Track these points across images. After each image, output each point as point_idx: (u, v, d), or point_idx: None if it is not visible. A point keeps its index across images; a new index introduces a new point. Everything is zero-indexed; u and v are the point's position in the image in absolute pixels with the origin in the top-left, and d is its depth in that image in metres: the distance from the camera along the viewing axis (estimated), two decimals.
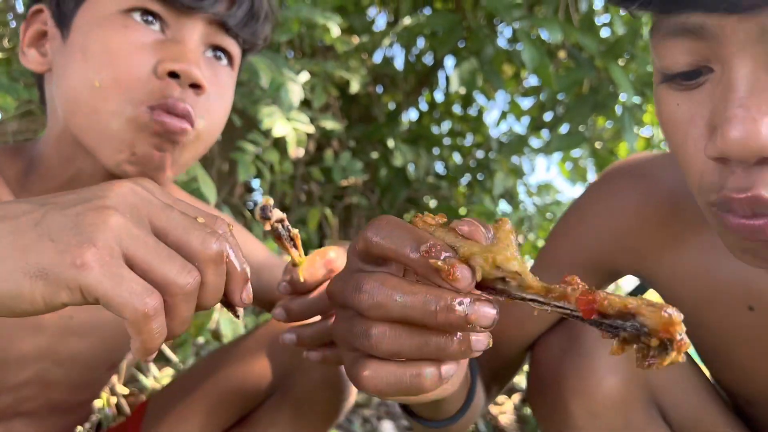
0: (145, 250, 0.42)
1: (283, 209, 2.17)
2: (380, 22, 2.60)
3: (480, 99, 2.58)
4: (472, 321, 0.40)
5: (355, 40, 2.10)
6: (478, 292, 0.42)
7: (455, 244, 0.40)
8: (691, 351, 0.89)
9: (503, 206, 2.23)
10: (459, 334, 0.42)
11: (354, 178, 1.82)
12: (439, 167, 2.42)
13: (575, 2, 1.84)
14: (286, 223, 0.59)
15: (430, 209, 2.29)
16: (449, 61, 2.85)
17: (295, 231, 0.60)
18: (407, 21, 1.92)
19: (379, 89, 2.54)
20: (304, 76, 1.76)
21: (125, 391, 1.39)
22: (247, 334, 0.96)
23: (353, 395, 0.94)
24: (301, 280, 0.61)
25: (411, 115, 2.57)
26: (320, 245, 1.95)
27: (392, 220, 0.44)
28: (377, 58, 2.48)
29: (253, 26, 0.77)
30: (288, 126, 1.38)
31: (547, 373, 0.79)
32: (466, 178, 2.32)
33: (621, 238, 0.76)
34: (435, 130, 2.53)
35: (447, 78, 2.38)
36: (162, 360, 1.46)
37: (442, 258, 0.40)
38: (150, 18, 0.70)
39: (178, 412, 0.87)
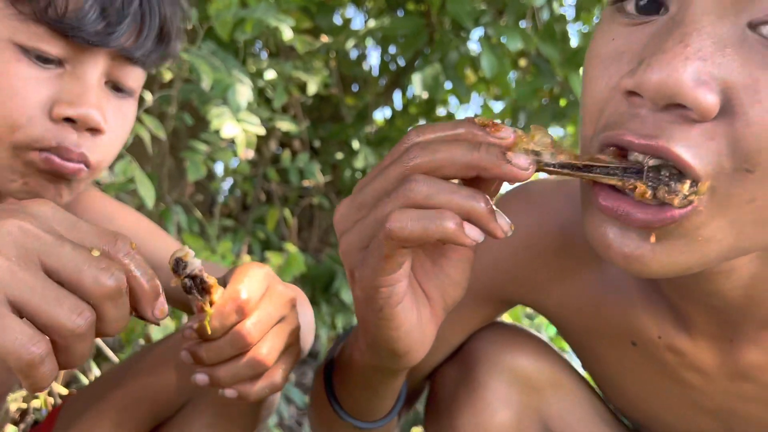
0: (31, 294, 0.41)
1: (244, 208, 2.16)
2: (358, 22, 2.60)
3: (453, 101, 2.58)
4: (510, 156, 0.43)
5: (324, 39, 2.10)
6: None
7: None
8: (588, 377, 0.89)
9: None
10: (486, 200, 0.44)
11: (312, 179, 1.81)
12: None
13: (538, 11, 1.84)
14: (202, 274, 0.57)
15: None
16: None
17: (211, 280, 0.58)
18: (371, 24, 1.91)
19: (355, 88, 2.53)
20: (270, 75, 1.75)
21: (64, 391, 1.38)
22: (162, 340, 0.94)
23: (274, 405, 0.94)
24: (208, 332, 0.60)
25: (382, 115, 2.57)
26: (279, 248, 1.94)
27: (430, 124, 0.48)
28: (353, 57, 2.48)
29: (162, 50, 0.72)
30: (238, 127, 1.37)
31: (441, 405, 0.79)
32: None
33: (511, 268, 0.74)
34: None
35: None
36: (106, 360, 1.45)
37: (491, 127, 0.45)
38: (47, 59, 0.64)
39: (88, 419, 0.86)
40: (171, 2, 0.72)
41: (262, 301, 0.62)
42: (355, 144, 2.13)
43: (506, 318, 1.59)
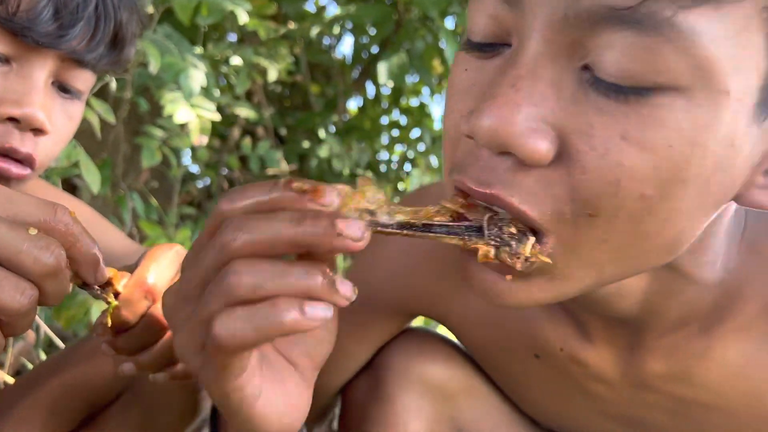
0: None
1: (209, 197, 2.14)
2: (333, 9, 2.57)
3: (426, 91, 2.57)
4: (341, 229, 0.37)
5: (291, 25, 2.07)
6: None
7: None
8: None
9: None
10: (323, 272, 0.39)
11: (275, 168, 1.79)
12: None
13: None
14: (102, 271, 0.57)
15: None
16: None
17: (110, 272, 0.56)
18: (337, 11, 1.89)
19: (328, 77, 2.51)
20: (236, 61, 1.72)
21: (11, 380, 1.35)
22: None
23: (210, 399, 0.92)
24: (109, 323, 0.59)
25: (355, 104, 2.55)
26: None
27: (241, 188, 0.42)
28: (326, 45, 2.45)
29: (115, 56, 0.70)
30: (191, 113, 1.35)
31: (353, 420, 0.77)
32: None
33: (412, 282, 0.72)
34: (384, 121, 2.51)
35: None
36: (55, 348, 1.42)
37: (297, 185, 0.39)
38: None
39: (20, 410, 0.84)
40: (128, 8, 0.70)
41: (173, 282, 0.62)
42: (322, 133, 2.11)
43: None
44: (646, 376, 0.61)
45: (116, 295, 0.57)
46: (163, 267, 0.61)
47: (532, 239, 0.41)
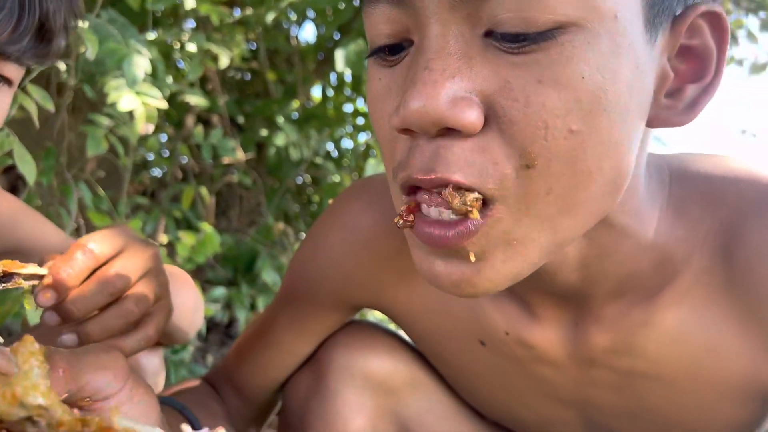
0: None
1: (162, 186, 2.09)
2: None
3: None
4: None
5: (248, 11, 2.02)
6: None
7: None
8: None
9: None
10: None
11: (229, 156, 1.76)
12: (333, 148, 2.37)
13: None
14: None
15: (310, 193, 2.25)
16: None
17: (4, 264, 0.56)
18: None
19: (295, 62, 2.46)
20: (192, 47, 1.67)
21: None
22: (36, 326, 0.90)
23: (160, 376, 0.91)
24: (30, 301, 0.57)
25: (319, 92, 2.51)
26: (197, 227, 1.88)
27: None
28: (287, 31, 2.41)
29: (41, 48, 0.66)
30: (137, 100, 1.30)
31: (294, 417, 0.76)
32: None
33: (353, 271, 0.71)
34: (348, 108, 2.48)
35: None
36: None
37: None
38: None
39: None
40: None
41: (123, 254, 0.61)
42: (280, 120, 2.08)
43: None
44: (592, 352, 0.62)
45: (31, 278, 0.56)
46: (101, 236, 0.61)
47: (474, 193, 0.43)
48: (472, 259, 0.45)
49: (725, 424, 0.63)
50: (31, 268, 0.56)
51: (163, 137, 2.00)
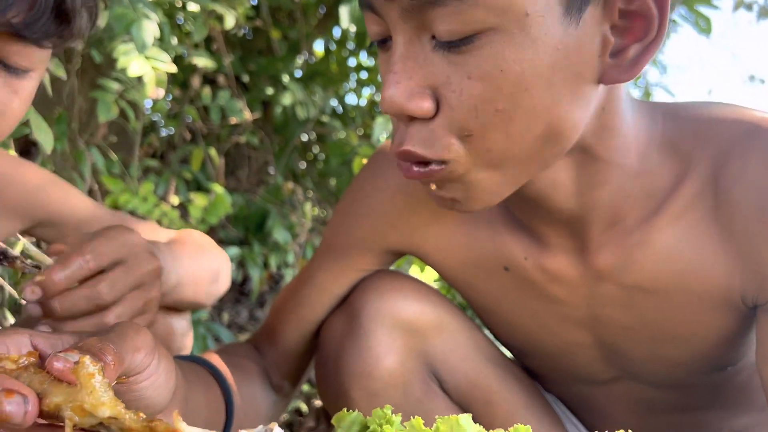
0: None
1: (171, 147, 2.10)
2: None
3: None
4: None
5: None
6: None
7: (44, 390, 0.35)
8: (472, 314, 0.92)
9: None
10: None
11: (237, 117, 1.76)
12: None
13: None
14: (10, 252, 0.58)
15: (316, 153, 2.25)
16: None
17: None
18: None
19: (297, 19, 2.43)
20: (193, 7, 1.66)
21: None
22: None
23: (185, 352, 0.95)
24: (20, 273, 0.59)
25: (320, 47, 2.49)
26: (207, 188, 1.90)
27: None
28: None
29: (62, 30, 0.64)
30: (146, 65, 1.31)
31: (328, 356, 0.81)
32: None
33: (389, 217, 0.80)
34: (352, 63, 2.45)
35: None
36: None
37: None
38: None
39: None
40: None
41: (121, 265, 0.64)
42: (286, 80, 2.07)
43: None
44: (598, 272, 0.71)
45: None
46: (106, 240, 0.63)
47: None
48: (433, 187, 0.60)
49: (712, 333, 0.72)
50: (39, 256, 0.59)
51: (169, 98, 2.00)
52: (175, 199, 1.85)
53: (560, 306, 0.76)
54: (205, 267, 0.90)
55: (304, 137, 2.37)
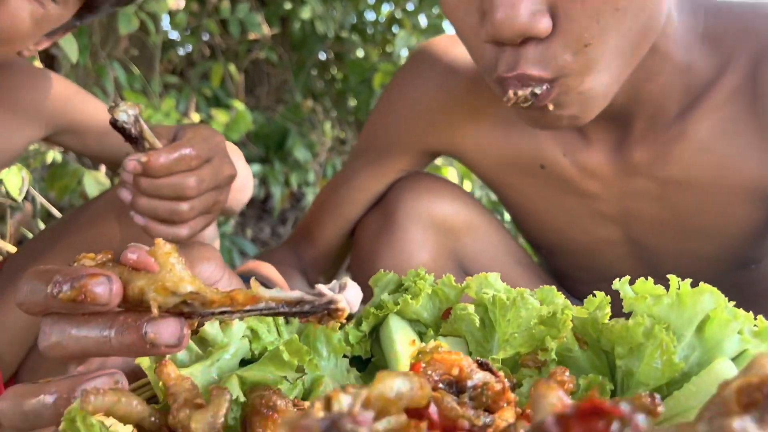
0: None
1: (190, 64, 2.08)
2: None
3: None
4: (152, 339, 0.35)
5: None
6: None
7: (124, 279, 0.36)
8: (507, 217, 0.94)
9: None
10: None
11: (256, 32, 1.74)
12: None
13: None
14: (136, 124, 0.58)
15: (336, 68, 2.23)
16: None
17: (147, 132, 0.60)
18: None
19: None
20: None
21: (13, 249, 1.40)
22: (99, 195, 0.97)
23: (213, 261, 0.97)
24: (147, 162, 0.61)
25: None
26: (227, 105, 1.90)
27: (36, 271, 0.38)
28: None
29: None
30: None
31: (364, 251, 0.84)
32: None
33: (428, 115, 0.81)
34: None
35: None
36: (52, 218, 1.46)
37: (66, 288, 0.34)
38: None
39: None
40: None
41: (209, 163, 0.65)
42: None
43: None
44: (634, 165, 0.73)
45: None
46: (201, 139, 0.65)
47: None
48: (551, 107, 0.59)
49: (741, 227, 0.74)
50: (150, 137, 0.60)
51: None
52: (196, 116, 1.86)
53: (593, 202, 0.78)
54: (240, 174, 0.93)
55: (323, 56, 2.34)
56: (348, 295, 0.37)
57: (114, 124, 0.57)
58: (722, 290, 0.83)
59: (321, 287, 0.36)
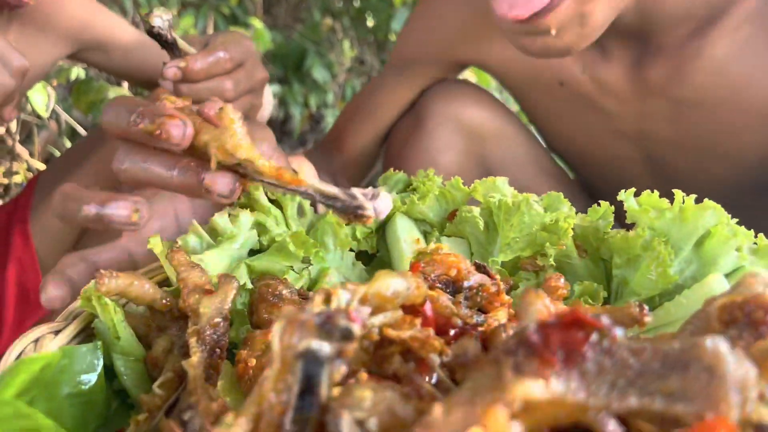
0: None
1: None
2: None
3: None
4: (208, 185, 0.40)
5: None
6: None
7: (196, 129, 0.40)
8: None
9: None
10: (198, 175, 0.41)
11: None
12: None
13: None
14: (168, 31, 0.59)
15: None
16: None
17: (179, 40, 0.61)
18: None
19: None
20: None
21: (42, 166, 1.44)
22: None
23: (266, 140, 1.01)
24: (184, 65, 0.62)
25: None
26: (245, 24, 1.88)
27: (123, 99, 0.43)
28: None
29: None
30: None
31: (395, 153, 0.88)
32: None
33: (456, 29, 0.84)
34: None
35: None
36: (78, 136, 1.49)
37: (147, 121, 0.39)
38: None
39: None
40: None
41: (242, 67, 0.66)
42: None
43: None
44: (650, 84, 0.74)
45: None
46: (234, 44, 0.65)
47: None
48: (553, 32, 0.59)
49: (756, 150, 0.74)
50: (184, 46, 0.61)
51: None
52: None
53: (611, 120, 0.79)
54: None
55: None
56: (378, 205, 0.39)
57: (150, 31, 0.58)
58: (738, 215, 0.84)
59: (356, 191, 0.38)
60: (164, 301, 0.39)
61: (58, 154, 1.46)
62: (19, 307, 0.92)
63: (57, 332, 0.36)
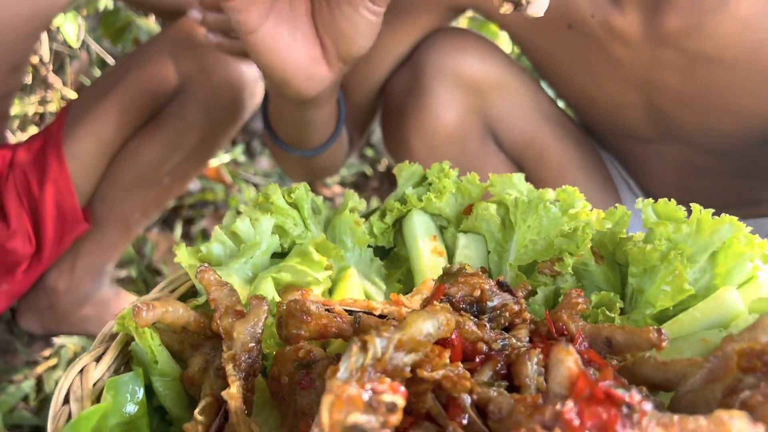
0: None
1: None
2: None
3: None
4: None
5: None
6: None
7: None
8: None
9: None
10: None
11: None
12: None
13: None
14: None
15: None
16: None
17: None
18: None
19: None
20: None
21: (74, 95, 1.47)
22: (153, 38, 1.02)
23: (257, 96, 1.01)
24: None
25: None
26: None
27: None
28: None
29: None
30: None
31: (392, 112, 0.84)
32: None
33: None
34: None
35: None
36: (107, 66, 1.50)
37: None
38: None
39: (94, 113, 0.95)
40: None
41: None
42: None
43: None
44: (664, 33, 0.71)
45: None
46: None
47: None
48: None
49: None
50: None
51: None
52: None
53: (617, 66, 0.76)
54: None
55: None
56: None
57: None
58: (743, 162, 0.83)
59: None
60: (197, 322, 0.40)
61: (88, 83, 1.49)
62: (57, 226, 0.98)
63: (98, 359, 0.38)
